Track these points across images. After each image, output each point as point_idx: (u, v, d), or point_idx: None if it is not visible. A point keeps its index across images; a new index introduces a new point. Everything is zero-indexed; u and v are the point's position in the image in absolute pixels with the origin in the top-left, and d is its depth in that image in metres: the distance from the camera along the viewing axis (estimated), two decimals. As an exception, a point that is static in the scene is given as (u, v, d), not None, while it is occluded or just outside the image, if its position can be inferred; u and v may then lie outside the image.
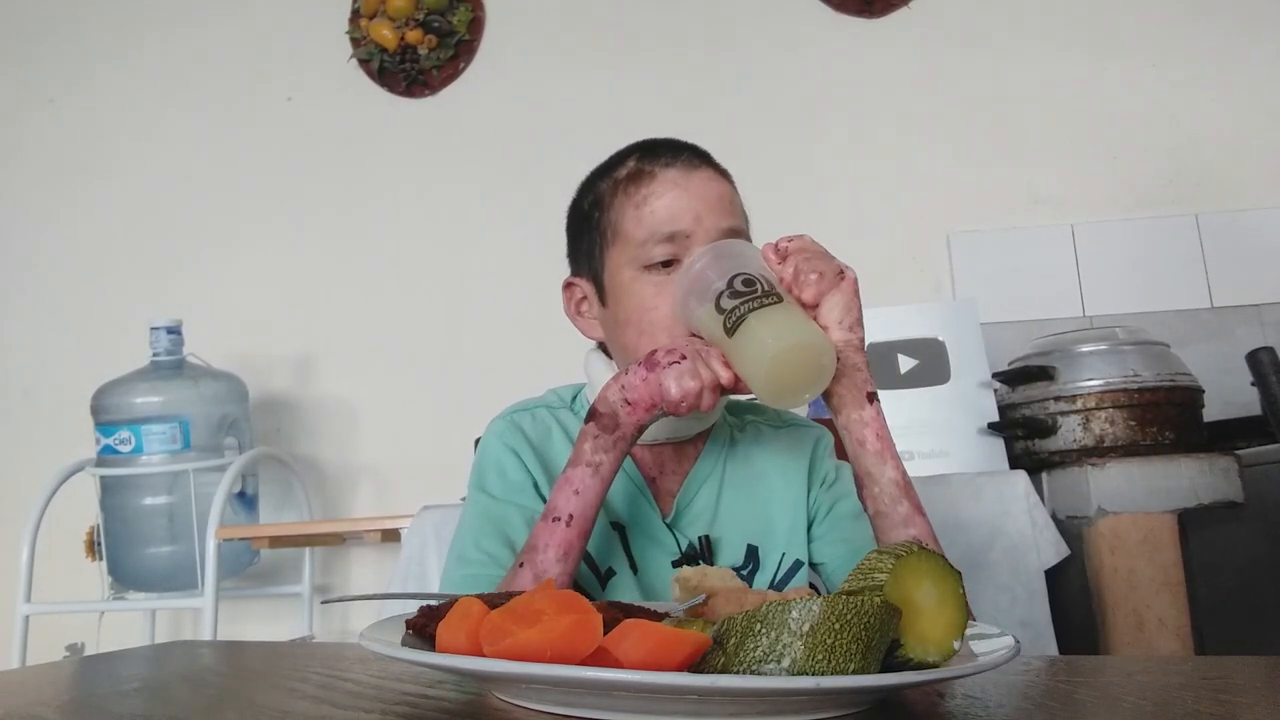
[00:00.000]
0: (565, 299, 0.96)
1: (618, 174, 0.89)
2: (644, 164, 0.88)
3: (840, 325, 0.78)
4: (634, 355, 0.87)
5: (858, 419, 0.79)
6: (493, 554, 0.84)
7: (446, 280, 2.37)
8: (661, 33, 2.36)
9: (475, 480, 0.91)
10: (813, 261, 0.79)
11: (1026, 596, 1.42)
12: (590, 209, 0.91)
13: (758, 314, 0.73)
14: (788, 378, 0.73)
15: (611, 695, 0.43)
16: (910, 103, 2.25)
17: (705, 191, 0.86)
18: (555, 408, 0.96)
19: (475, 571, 0.84)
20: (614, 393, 0.78)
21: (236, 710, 0.49)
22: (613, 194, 0.89)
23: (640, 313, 0.86)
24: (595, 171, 0.94)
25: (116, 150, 2.55)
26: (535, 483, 0.89)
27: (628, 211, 0.87)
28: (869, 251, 2.19)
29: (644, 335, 0.86)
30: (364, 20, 2.41)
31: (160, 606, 2.18)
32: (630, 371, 0.78)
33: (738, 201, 0.90)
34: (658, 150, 0.89)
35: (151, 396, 1.99)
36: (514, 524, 0.86)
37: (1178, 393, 1.53)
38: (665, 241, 0.84)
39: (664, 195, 0.85)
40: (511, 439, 0.91)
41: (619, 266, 0.87)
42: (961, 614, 0.49)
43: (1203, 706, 0.45)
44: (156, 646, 0.77)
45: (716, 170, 0.90)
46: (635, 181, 0.87)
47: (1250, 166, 2.13)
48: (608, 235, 0.88)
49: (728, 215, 0.86)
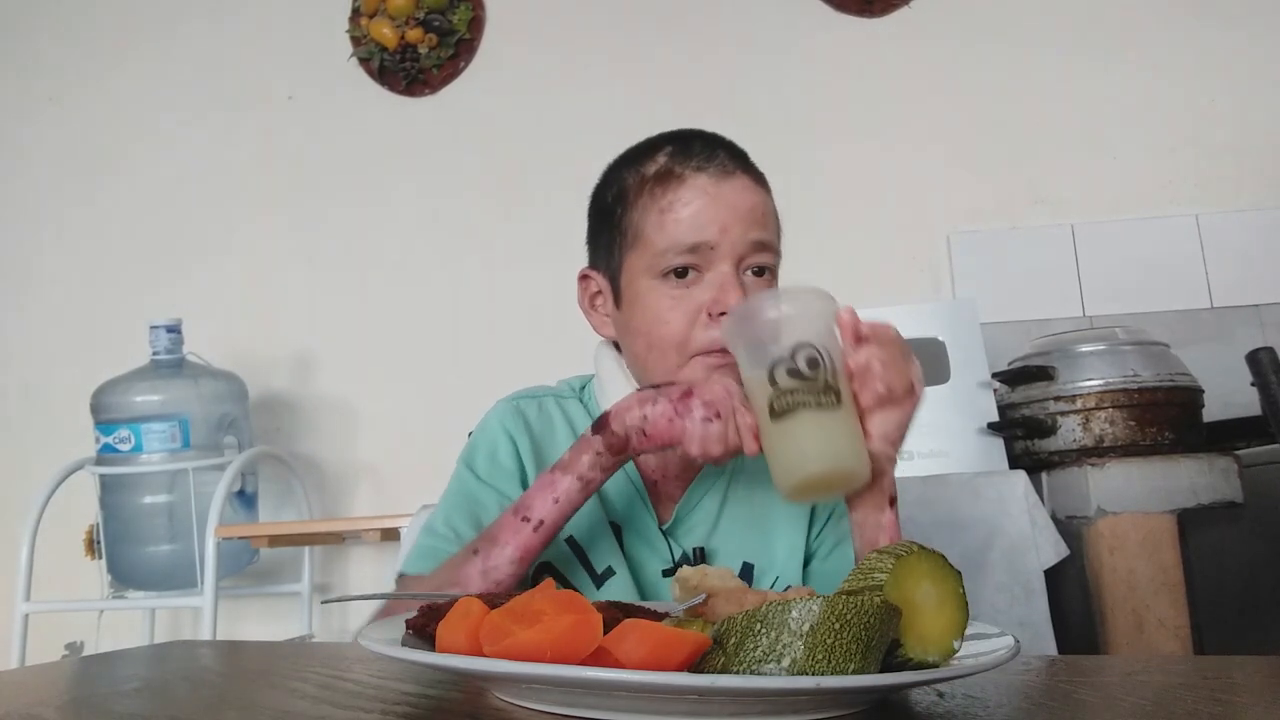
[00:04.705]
0: (580, 290, 0.92)
1: (646, 170, 0.85)
2: (675, 163, 0.83)
3: (885, 439, 0.72)
4: (643, 366, 0.85)
5: (874, 522, 0.75)
6: (459, 532, 0.83)
7: (446, 279, 2.36)
8: (661, 32, 2.36)
9: (465, 456, 0.90)
10: (889, 370, 0.71)
11: (1026, 596, 1.42)
12: (614, 203, 0.87)
13: (811, 414, 0.67)
14: (813, 488, 0.70)
15: (611, 695, 0.43)
16: (910, 103, 2.25)
17: (736, 201, 0.82)
18: (564, 397, 0.93)
19: (437, 544, 0.83)
20: (633, 417, 0.74)
21: (236, 710, 0.49)
22: (638, 192, 0.84)
23: (652, 325, 0.82)
24: (623, 158, 0.89)
25: (117, 150, 2.54)
26: (524, 473, 0.87)
27: (651, 215, 0.83)
28: (869, 251, 2.21)
29: (654, 350, 0.83)
30: (364, 19, 2.40)
31: (159, 605, 2.18)
32: (657, 401, 0.73)
33: (771, 210, 0.86)
34: (691, 148, 0.84)
35: (151, 395, 1.99)
36: (488, 508, 0.85)
37: (1177, 393, 1.53)
38: (687, 252, 0.81)
39: (691, 203, 0.81)
40: (511, 424, 0.89)
41: (637, 272, 0.84)
42: (962, 614, 0.49)
43: (1203, 706, 0.45)
44: (156, 646, 0.77)
45: (752, 177, 0.85)
46: (663, 183, 0.83)
47: (1250, 166, 2.13)
48: (628, 236, 0.85)
49: (757, 227, 0.82)
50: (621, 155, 0.89)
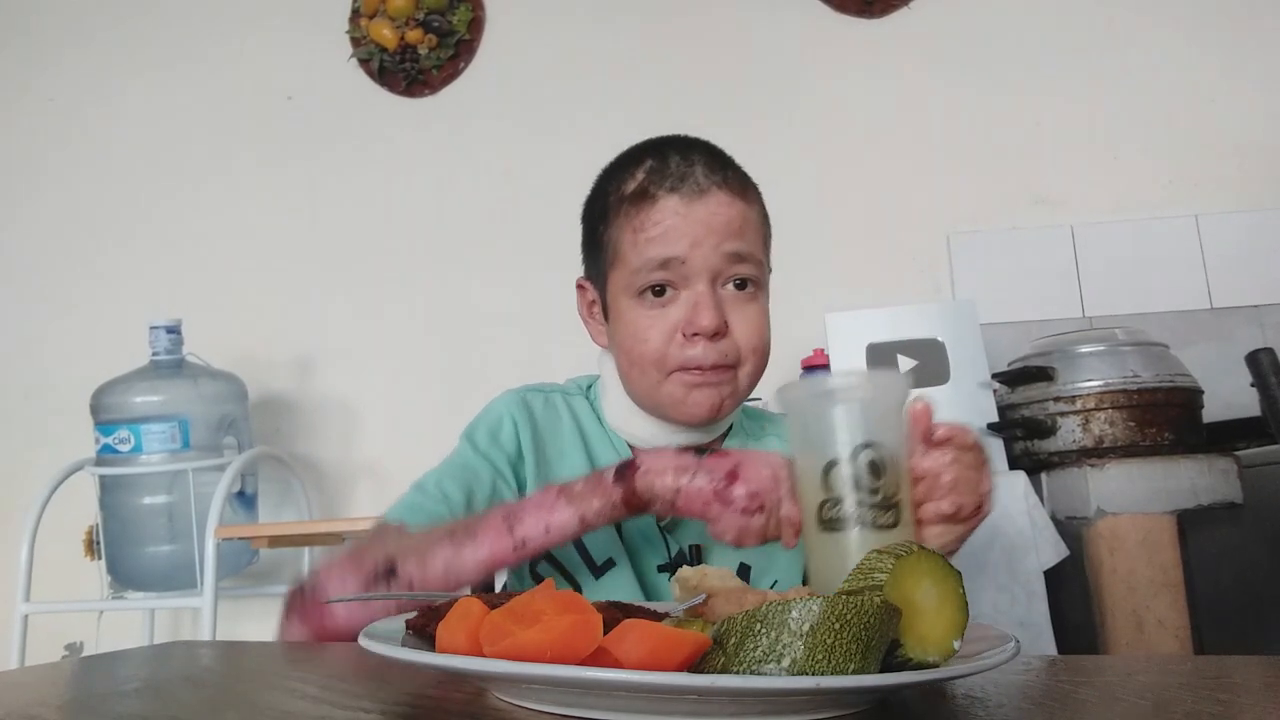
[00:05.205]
0: (579, 298, 0.95)
1: (625, 187, 0.86)
2: (650, 181, 0.84)
3: None
4: (627, 380, 0.87)
5: None
6: (448, 495, 0.84)
7: (446, 280, 2.36)
8: (661, 33, 2.36)
9: (467, 431, 0.91)
10: (958, 489, 0.64)
11: (1025, 597, 1.42)
12: (596, 219, 0.89)
13: (863, 535, 0.61)
14: None
15: (611, 695, 0.43)
16: (910, 103, 2.25)
17: (708, 217, 0.81)
18: (571, 394, 0.95)
19: (423, 503, 0.83)
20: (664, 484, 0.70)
21: (236, 710, 0.49)
22: (615, 211, 0.86)
23: (632, 343, 0.84)
24: (608, 170, 0.90)
25: (116, 150, 2.54)
26: (522, 458, 0.88)
27: (626, 234, 0.84)
28: (869, 252, 2.21)
29: (634, 366, 0.85)
30: (364, 19, 2.41)
31: (159, 606, 2.18)
32: (696, 475, 0.70)
33: (753, 220, 0.85)
34: (666, 164, 0.84)
35: (151, 396, 1.99)
36: (482, 480, 0.86)
37: (1177, 393, 1.53)
38: (659, 269, 0.82)
39: (661, 223, 0.82)
40: (517, 412, 0.90)
41: (618, 290, 0.86)
42: (962, 614, 0.49)
43: (1203, 706, 0.45)
44: (156, 646, 0.77)
45: (731, 190, 0.84)
46: (637, 204, 0.83)
47: (1250, 166, 2.13)
48: (609, 253, 0.87)
49: (733, 239, 0.82)
50: (608, 166, 0.91)
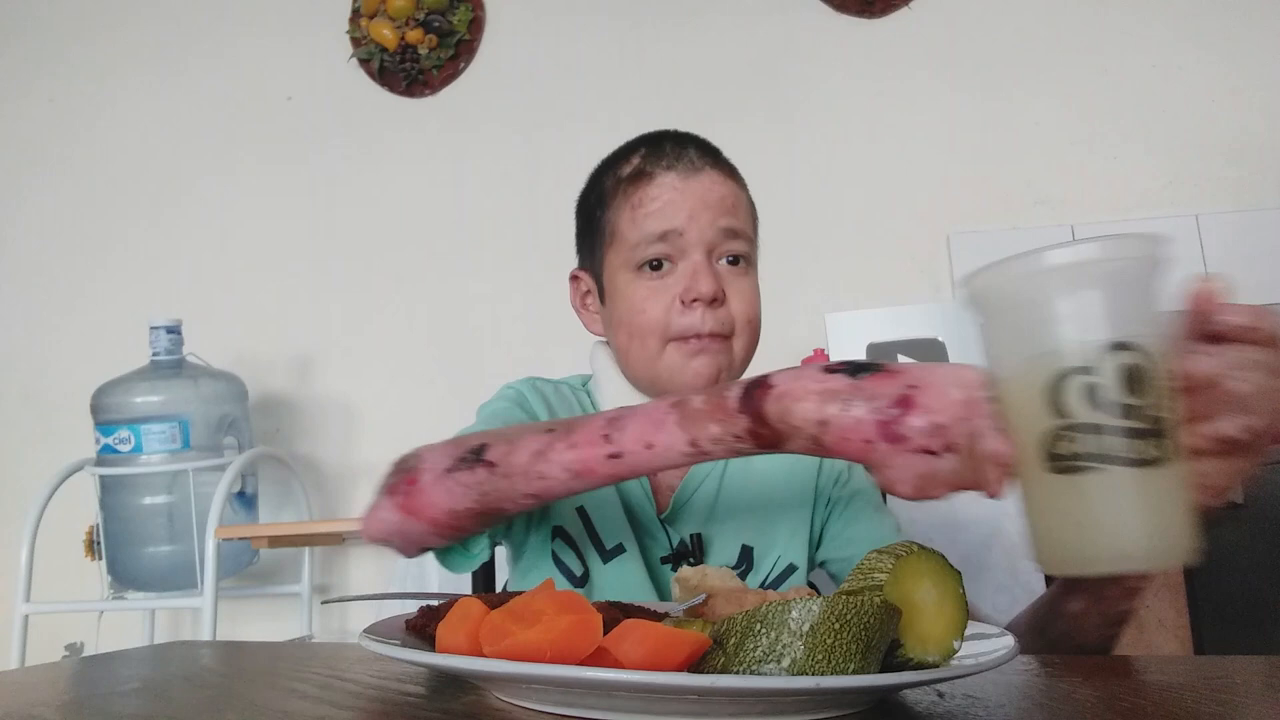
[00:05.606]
0: (571, 290, 0.96)
1: (621, 171, 0.89)
2: (646, 163, 0.87)
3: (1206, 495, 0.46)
4: (626, 357, 0.88)
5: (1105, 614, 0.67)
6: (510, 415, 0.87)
7: (446, 279, 2.37)
8: (661, 33, 2.36)
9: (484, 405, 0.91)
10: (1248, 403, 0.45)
11: (1025, 597, 1.41)
12: (594, 206, 0.91)
13: (1119, 476, 0.41)
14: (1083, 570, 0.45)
15: (611, 695, 0.43)
16: (910, 103, 2.25)
17: (704, 192, 0.84)
18: (575, 386, 0.96)
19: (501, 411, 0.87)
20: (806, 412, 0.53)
21: (236, 710, 0.49)
22: (613, 193, 0.88)
23: (632, 315, 0.85)
24: (603, 164, 0.93)
25: (116, 150, 2.55)
26: None
27: (624, 213, 0.86)
28: (869, 251, 2.21)
29: (634, 339, 0.85)
30: (364, 20, 2.41)
31: (159, 606, 2.18)
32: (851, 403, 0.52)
33: (744, 201, 0.88)
34: (662, 148, 0.88)
35: (151, 396, 1.99)
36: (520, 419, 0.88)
37: (1177, 393, 1.53)
38: (658, 241, 0.84)
39: (659, 198, 0.84)
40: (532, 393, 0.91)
41: (616, 268, 0.87)
42: (962, 614, 0.49)
43: (1203, 706, 0.45)
44: (156, 647, 0.77)
45: (723, 171, 0.87)
46: (634, 183, 0.86)
47: (1250, 166, 2.13)
48: (607, 235, 0.88)
49: (727, 215, 0.85)
50: (602, 161, 0.93)
